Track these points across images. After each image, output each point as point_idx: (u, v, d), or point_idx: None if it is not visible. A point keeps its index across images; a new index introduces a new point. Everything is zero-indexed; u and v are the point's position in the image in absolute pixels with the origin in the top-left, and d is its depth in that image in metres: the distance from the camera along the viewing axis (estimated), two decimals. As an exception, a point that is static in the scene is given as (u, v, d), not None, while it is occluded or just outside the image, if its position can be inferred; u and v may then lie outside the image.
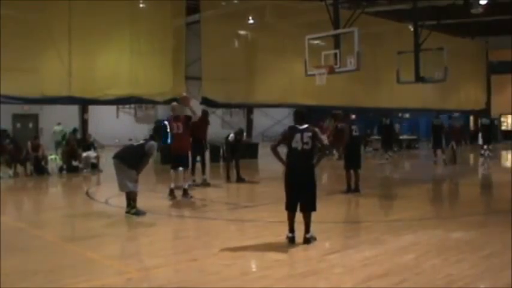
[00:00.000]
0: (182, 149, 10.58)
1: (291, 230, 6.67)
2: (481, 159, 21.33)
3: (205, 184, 12.75)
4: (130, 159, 8.80)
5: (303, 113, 6.86)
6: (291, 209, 6.71)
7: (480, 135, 24.38)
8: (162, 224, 8.52)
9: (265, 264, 5.81)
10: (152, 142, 9.04)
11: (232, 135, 14.23)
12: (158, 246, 7.10)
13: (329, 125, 18.87)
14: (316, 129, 6.74)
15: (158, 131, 9.67)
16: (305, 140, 6.57)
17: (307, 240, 6.60)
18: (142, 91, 18.67)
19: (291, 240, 6.61)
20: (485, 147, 22.49)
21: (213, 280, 5.24)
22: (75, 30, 16.99)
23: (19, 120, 27.21)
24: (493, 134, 32.97)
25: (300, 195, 6.65)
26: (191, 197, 10.61)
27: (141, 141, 9.07)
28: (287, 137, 6.70)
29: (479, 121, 25.48)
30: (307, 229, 6.66)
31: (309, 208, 6.67)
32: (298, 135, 6.59)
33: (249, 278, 5.38)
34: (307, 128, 6.66)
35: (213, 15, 20.40)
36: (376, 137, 26.31)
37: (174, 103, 11.18)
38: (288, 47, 21.90)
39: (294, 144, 6.61)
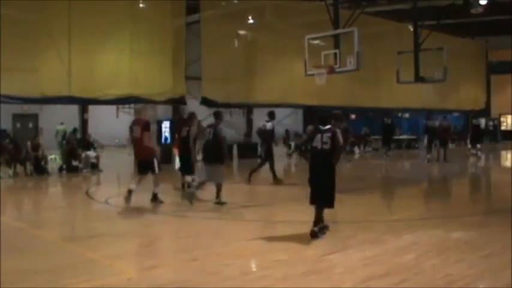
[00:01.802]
0: (141, 155, 9.83)
1: (315, 224, 6.93)
2: (477, 160, 21.34)
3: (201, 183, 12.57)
4: (214, 155, 9.46)
5: (324, 116, 7.49)
6: (313, 204, 7.06)
7: (469, 135, 24.42)
8: (162, 224, 8.53)
9: (265, 264, 5.81)
10: (220, 126, 9.63)
11: (270, 124, 12.90)
12: (158, 246, 7.11)
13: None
14: (337, 130, 7.07)
15: (219, 116, 9.96)
16: (324, 140, 6.99)
17: (313, 233, 6.86)
18: (142, 91, 18.66)
19: (313, 235, 6.82)
20: (478, 146, 22.51)
21: (213, 280, 5.24)
22: (75, 30, 17.01)
23: (19, 120, 27.19)
24: (493, 135, 33.13)
25: (318, 192, 7.03)
26: (161, 202, 9.84)
27: (211, 132, 9.50)
28: (310, 136, 7.24)
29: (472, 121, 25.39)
30: (315, 222, 6.96)
31: (321, 204, 7.01)
32: (318, 136, 7.06)
33: (249, 278, 5.38)
34: (328, 129, 7.08)
35: (213, 15, 20.42)
36: (376, 136, 26.33)
37: (140, 105, 10.99)
38: (288, 47, 21.92)
39: (314, 144, 7.08)
